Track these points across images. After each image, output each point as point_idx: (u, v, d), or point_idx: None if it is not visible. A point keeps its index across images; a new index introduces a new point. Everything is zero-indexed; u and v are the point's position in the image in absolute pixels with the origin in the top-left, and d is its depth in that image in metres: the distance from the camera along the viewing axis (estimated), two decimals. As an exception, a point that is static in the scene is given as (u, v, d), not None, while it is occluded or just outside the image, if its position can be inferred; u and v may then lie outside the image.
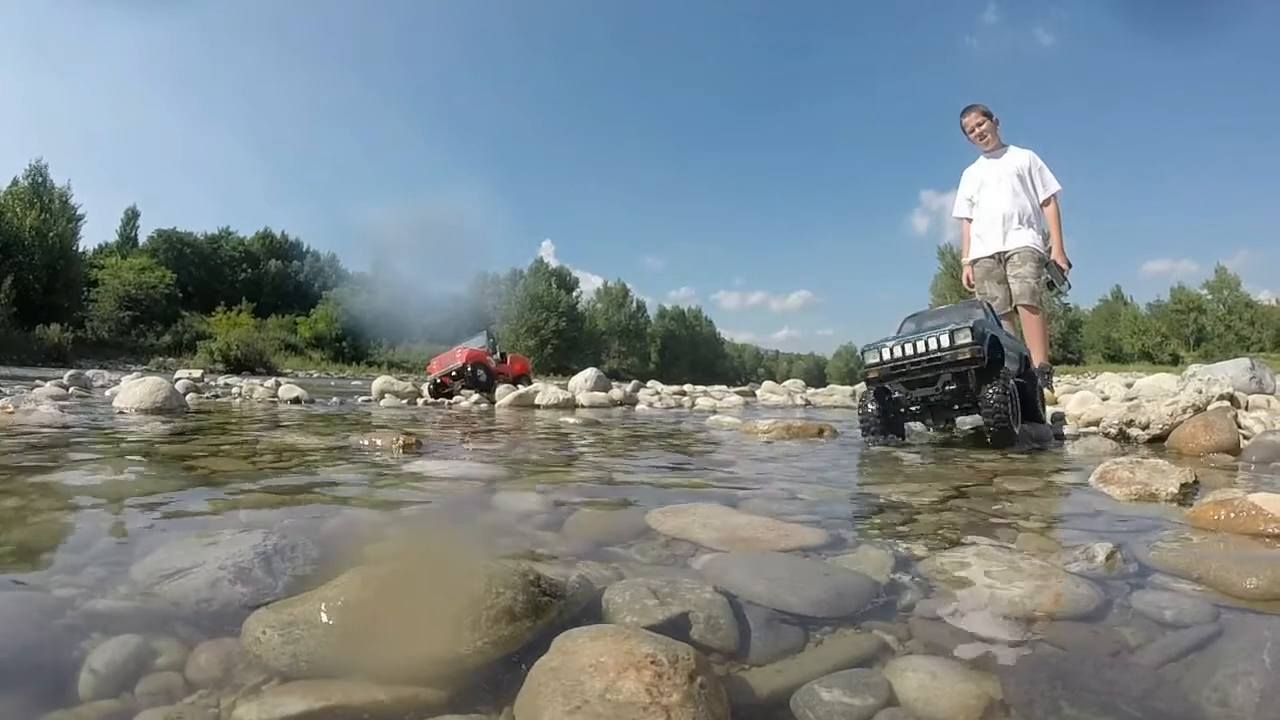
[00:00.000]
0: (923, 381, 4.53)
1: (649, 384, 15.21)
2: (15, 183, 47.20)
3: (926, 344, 4.44)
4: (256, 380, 14.55)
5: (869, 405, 4.76)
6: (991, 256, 6.74)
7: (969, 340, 4.27)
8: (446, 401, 10.73)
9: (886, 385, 4.63)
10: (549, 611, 1.18)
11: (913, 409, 4.69)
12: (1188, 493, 2.44)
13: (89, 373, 11.56)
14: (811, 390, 14.64)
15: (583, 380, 10.83)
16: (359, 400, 10.24)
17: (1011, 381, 4.38)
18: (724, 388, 16.80)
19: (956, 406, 4.55)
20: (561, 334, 69.45)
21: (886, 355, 4.62)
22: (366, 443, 3.82)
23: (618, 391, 11.02)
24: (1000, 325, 5.33)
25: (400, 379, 14.03)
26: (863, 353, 4.83)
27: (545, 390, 10.08)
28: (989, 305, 5.50)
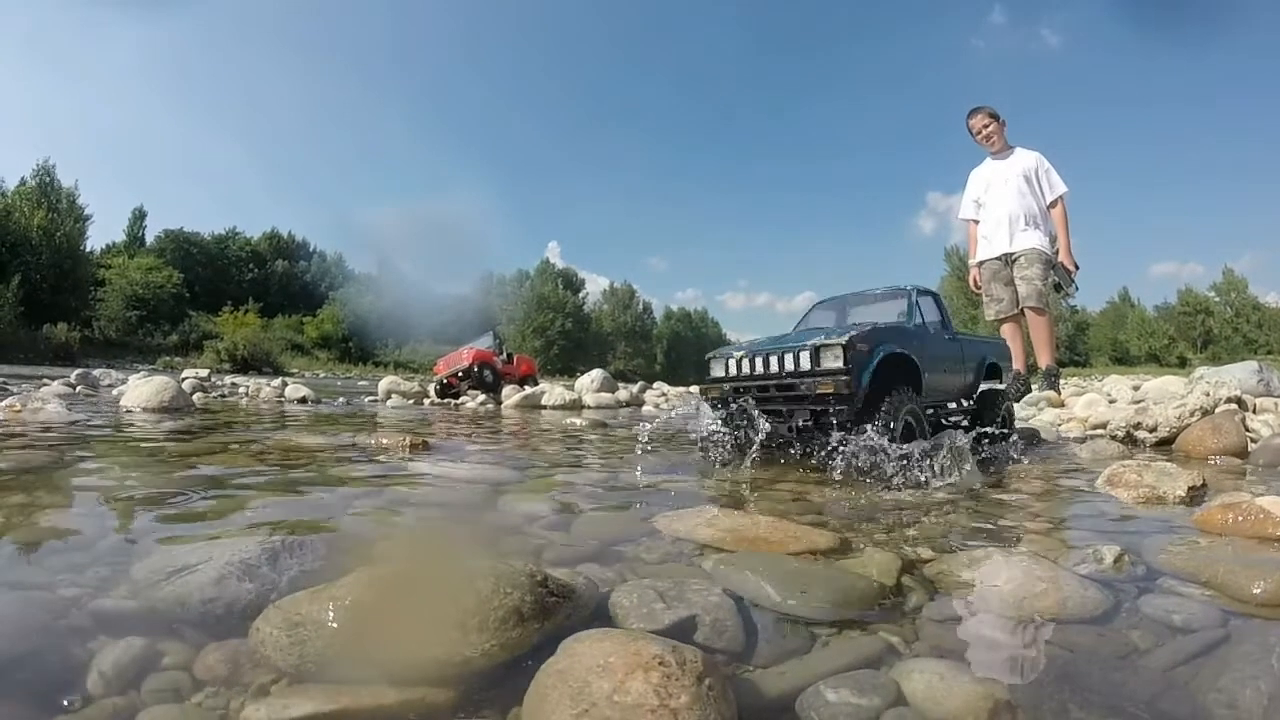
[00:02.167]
0: (774, 411, 3.36)
1: (655, 385, 15.20)
2: (23, 183, 47.43)
3: (781, 362, 3.30)
4: (263, 380, 14.60)
5: (721, 422, 3.52)
6: (998, 258, 6.73)
7: (837, 365, 3.06)
8: (453, 402, 10.77)
9: (738, 401, 3.47)
10: (557, 613, 1.18)
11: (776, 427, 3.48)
12: (1195, 496, 2.44)
13: (96, 372, 11.60)
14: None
15: (589, 381, 10.86)
16: (365, 400, 10.27)
17: (900, 422, 3.11)
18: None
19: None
20: (568, 335, 69.41)
21: (732, 368, 3.56)
22: (373, 443, 3.82)
23: (624, 393, 11.04)
24: (926, 313, 4.09)
25: (407, 379, 14.06)
26: (708, 360, 3.77)
27: (551, 391, 10.10)
28: (927, 291, 4.20)
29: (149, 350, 45.86)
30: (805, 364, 3.17)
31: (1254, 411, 4.57)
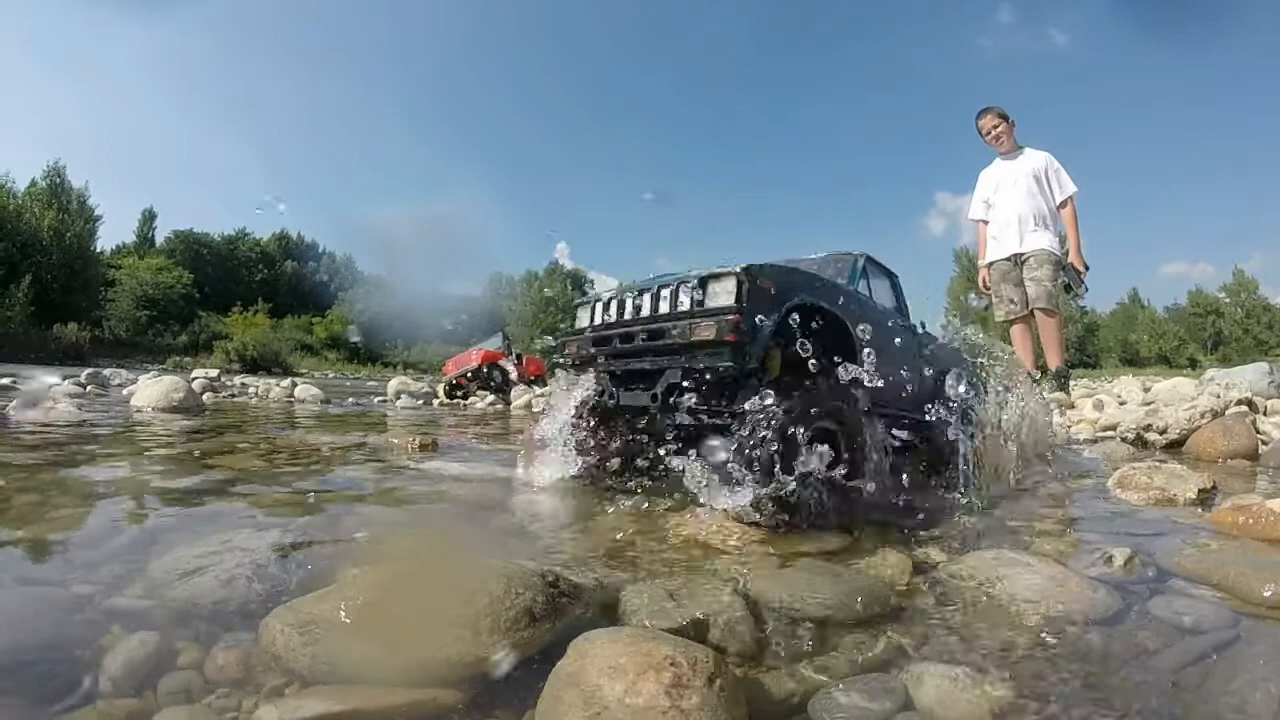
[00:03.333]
0: (638, 376, 2.49)
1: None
2: (34, 183, 47.66)
3: (654, 302, 2.34)
4: (273, 380, 14.62)
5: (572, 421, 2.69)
6: (1008, 259, 6.69)
7: (728, 301, 2.11)
8: (462, 402, 10.76)
9: (604, 377, 2.63)
10: (568, 613, 1.18)
11: (640, 430, 2.63)
12: (1206, 498, 2.42)
13: (106, 371, 11.61)
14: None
15: (597, 382, 10.81)
16: (375, 401, 10.27)
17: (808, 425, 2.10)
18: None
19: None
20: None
21: (599, 315, 2.62)
22: (383, 442, 3.84)
23: (631, 393, 10.99)
24: (857, 282, 3.07)
25: (416, 379, 14.08)
26: (575, 308, 2.86)
27: (559, 392, 10.07)
28: (883, 267, 3.29)
29: (159, 350, 45.96)
30: (684, 303, 2.24)
31: (1265, 413, 4.53)
